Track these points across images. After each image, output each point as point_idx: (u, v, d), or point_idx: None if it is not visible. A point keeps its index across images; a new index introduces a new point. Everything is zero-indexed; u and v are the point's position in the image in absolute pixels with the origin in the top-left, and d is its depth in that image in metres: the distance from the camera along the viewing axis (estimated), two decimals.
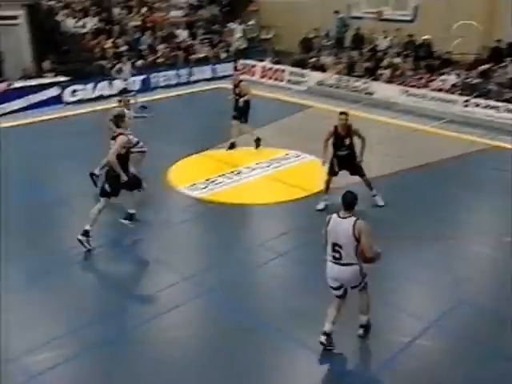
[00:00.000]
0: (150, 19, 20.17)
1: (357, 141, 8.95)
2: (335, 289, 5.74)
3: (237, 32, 21.86)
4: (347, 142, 8.84)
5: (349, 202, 5.57)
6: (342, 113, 8.92)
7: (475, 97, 14.83)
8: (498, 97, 14.61)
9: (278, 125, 13.95)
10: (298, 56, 19.58)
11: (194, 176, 10.50)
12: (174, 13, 21.37)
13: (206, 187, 10.01)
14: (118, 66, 15.66)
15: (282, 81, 19.03)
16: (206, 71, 19.61)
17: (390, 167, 11.02)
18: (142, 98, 16.14)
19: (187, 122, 14.55)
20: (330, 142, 9.00)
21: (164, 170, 10.73)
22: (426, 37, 17.62)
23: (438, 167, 11.16)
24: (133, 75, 16.06)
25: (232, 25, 22.04)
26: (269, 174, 10.72)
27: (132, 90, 15.15)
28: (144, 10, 20.60)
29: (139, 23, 19.92)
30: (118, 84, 15.82)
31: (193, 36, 20.80)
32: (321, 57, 19.05)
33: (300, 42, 20.52)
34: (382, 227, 8.50)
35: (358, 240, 5.44)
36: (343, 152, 8.92)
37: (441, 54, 17.18)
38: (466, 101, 14.77)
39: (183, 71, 19.04)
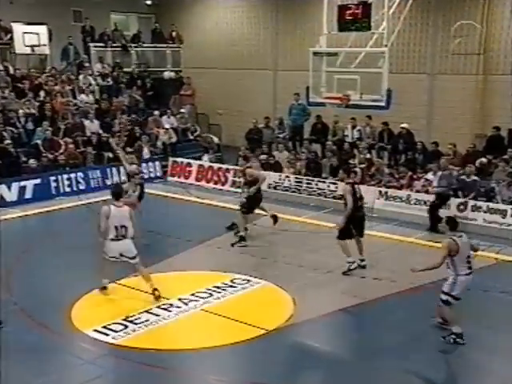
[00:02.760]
0: (49, 106, 20.44)
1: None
2: (458, 299, 9.34)
3: (165, 122, 22.61)
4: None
5: (457, 223, 9.57)
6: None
7: (473, 198, 15.58)
8: (503, 198, 15.42)
9: (223, 241, 14.10)
10: (245, 151, 20.22)
11: (107, 314, 10.28)
12: (81, 98, 21.96)
13: (125, 329, 9.78)
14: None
15: (225, 183, 19.53)
16: (124, 172, 19.84)
17: (370, 292, 11.23)
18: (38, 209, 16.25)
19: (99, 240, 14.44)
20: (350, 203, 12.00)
21: (67, 306, 10.48)
22: (404, 125, 18.79)
23: (435, 291, 11.38)
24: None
25: (158, 113, 22.81)
26: (209, 307, 10.62)
27: None
28: (42, 93, 21.02)
29: (33, 111, 20.23)
30: None
31: (107, 127, 21.31)
32: (273, 152, 19.80)
33: (247, 133, 21.35)
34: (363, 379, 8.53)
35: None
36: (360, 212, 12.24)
37: (425, 146, 18.21)
38: (462, 204, 15.48)
39: (94, 173, 19.30)
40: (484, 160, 17.07)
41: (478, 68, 19.66)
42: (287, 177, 17.97)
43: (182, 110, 23.79)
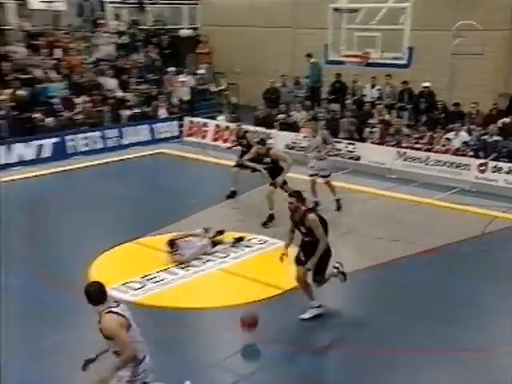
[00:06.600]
0: (65, 63, 20.47)
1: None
2: None
3: (181, 81, 22.55)
4: (303, 230, 8.89)
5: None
6: (290, 195, 9.02)
7: (494, 159, 15.56)
8: None
9: (240, 202, 14.32)
10: (262, 111, 20.25)
11: (125, 272, 10.46)
12: (99, 55, 21.91)
13: (143, 287, 9.97)
14: None
15: None
16: (141, 132, 20.08)
17: (382, 254, 11.27)
18: (55, 168, 16.46)
19: (116, 200, 14.66)
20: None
21: (85, 265, 10.66)
22: (426, 84, 18.65)
23: (450, 253, 11.49)
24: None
25: (175, 72, 22.76)
26: (226, 267, 10.80)
27: None
28: (58, 51, 20.97)
29: (49, 67, 20.12)
30: None
31: (123, 86, 21.35)
32: (291, 112, 19.78)
33: (264, 93, 21.31)
34: (380, 337, 8.65)
35: None
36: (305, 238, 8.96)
37: (446, 106, 18.09)
38: (483, 164, 15.45)
39: (111, 132, 19.43)
40: (507, 120, 16.94)
41: None
42: (305, 137, 17.93)
43: (200, 71, 23.65)
